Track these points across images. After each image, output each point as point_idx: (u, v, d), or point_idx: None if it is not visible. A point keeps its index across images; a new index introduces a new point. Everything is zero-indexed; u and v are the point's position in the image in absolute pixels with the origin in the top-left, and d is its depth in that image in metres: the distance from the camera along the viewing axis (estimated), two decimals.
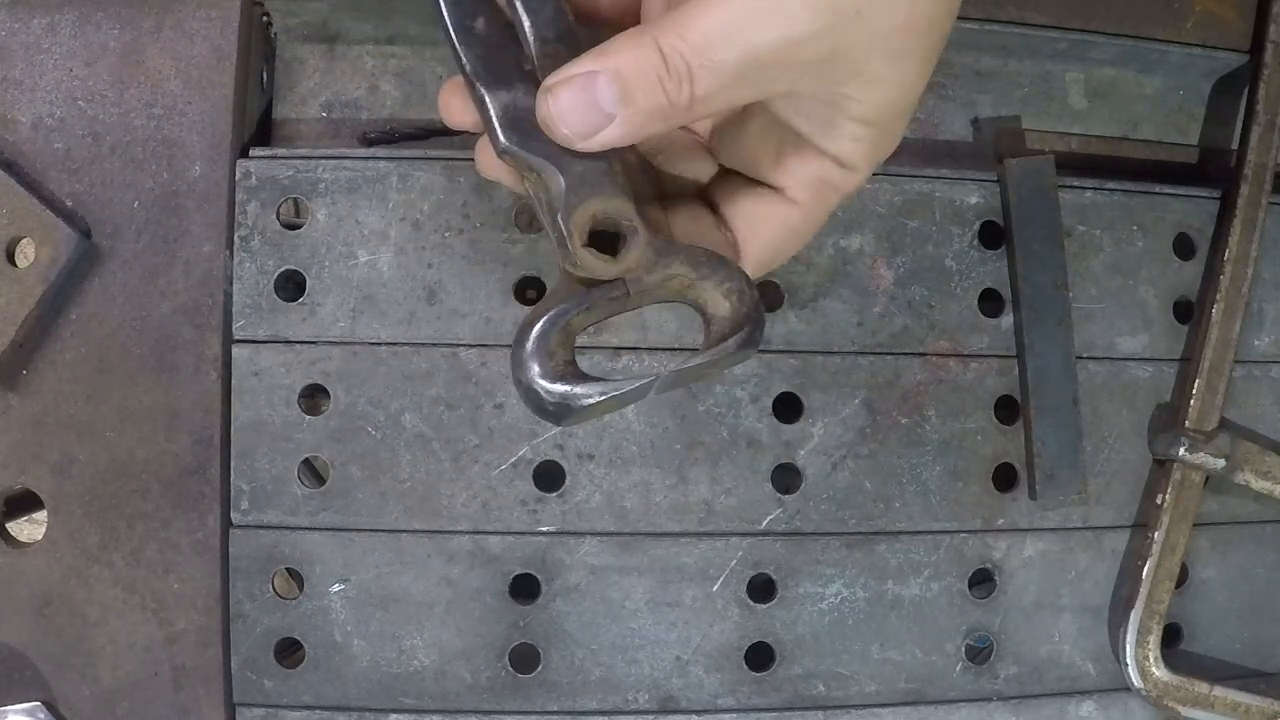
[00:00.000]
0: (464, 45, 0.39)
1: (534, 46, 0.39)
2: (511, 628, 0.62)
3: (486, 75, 0.39)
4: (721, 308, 0.40)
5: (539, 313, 0.39)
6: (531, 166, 0.39)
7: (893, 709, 0.64)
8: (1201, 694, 0.65)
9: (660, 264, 0.39)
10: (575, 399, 0.39)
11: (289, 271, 0.61)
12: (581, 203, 0.38)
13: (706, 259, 0.40)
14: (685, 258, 0.40)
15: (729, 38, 0.36)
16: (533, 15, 0.39)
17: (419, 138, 0.64)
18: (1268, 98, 0.67)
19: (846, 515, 0.64)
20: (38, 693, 0.59)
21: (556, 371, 0.39)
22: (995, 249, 0.65)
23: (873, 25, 0.36)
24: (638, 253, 0.39)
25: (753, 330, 0.40)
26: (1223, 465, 0.65)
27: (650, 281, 0.40)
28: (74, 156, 0.59)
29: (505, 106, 0.39)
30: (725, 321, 0.40)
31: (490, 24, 0.39)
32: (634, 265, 0.39)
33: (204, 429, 0.59)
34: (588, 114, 0.37)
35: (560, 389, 0.39)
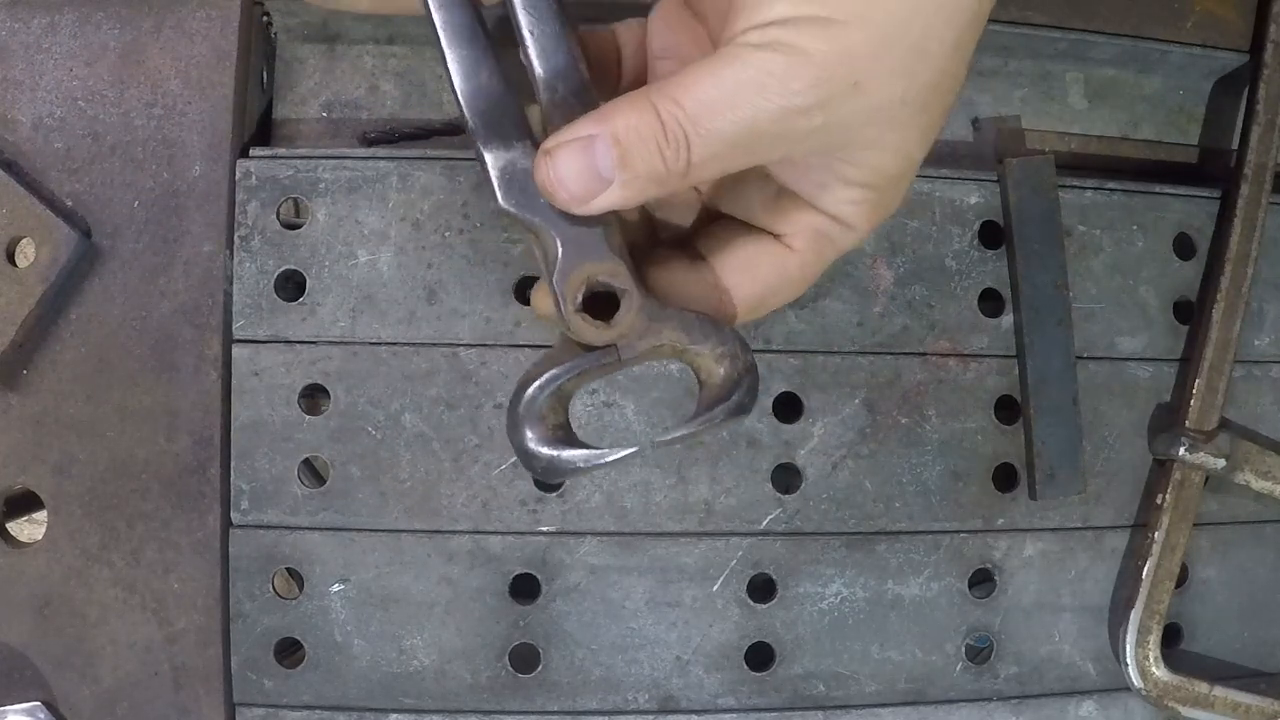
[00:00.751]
0: (467, 100, 0.39)
1: (544, 97, 0.40)
2: (511, 628, 0.62)
3: (487, 133, 0.39)
4: (715, 373, 0.41)
5: (533, 375, 0.40)
6: (530, 227, 0.39)
7: (893, 709, 0.64)
8: (1201, 694, 0.65)
9: (653, 329, 0.40)
10: (562, 463, 0.40)
11: (289, 271, 0.61)
12: (576, 267, 0.39)
13: (699, 324, 0.40)
14: (678, 323, 0.40)
15: (725, 107, 0.36)
16: (546, 65, 0.40)
17: (419, 138, 0.64)
18: (1268, 98, 0.67)
19: (846, 515, 0.64)
20: (38, 693, 0.59)
21: (547, 436, 0.40)
22: (995, 249, 0.65)
23: (870, 98, 0.36)
24: (630, 318, 0.39)
25: (745, 396, 0.40)
26: (1223, 465, 0.65)
27: (643, 346, 0.40)
28: (74, 156, 0.59)
29: (505, 166, 0.39)
30: (718, 387, 0.40)
31: (493, 79, 0.40)
32: (626, 331, 0.39)
33: (204, 429, 0.59)
34: (586, 179, 0.37)
35: (548, 453, 0.40)
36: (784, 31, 0.35)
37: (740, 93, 0.35)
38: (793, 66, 0.35)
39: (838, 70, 0.35)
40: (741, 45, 0.36)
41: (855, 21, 0.35)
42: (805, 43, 0.35)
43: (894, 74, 0.36)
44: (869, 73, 0.36)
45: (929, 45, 0.37)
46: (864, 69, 0.36)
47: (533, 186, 0.39)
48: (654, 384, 0.62)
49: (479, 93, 0.39)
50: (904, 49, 0.36)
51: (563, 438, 0.40)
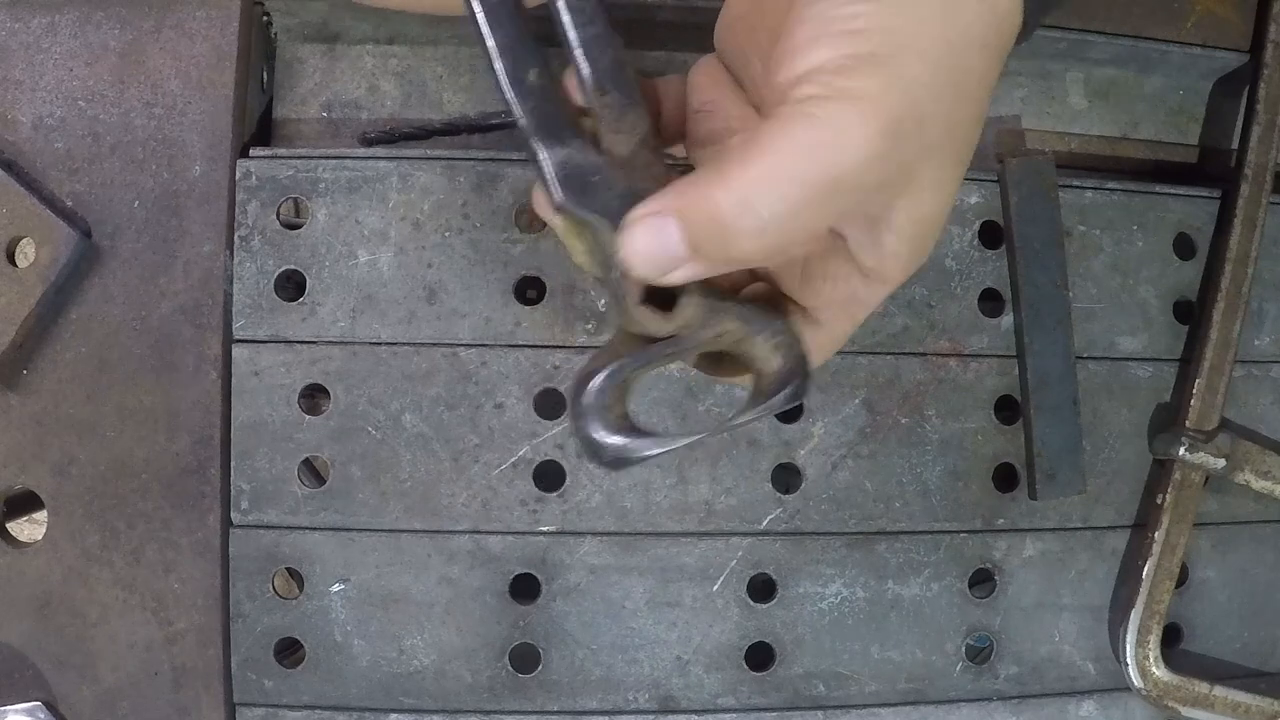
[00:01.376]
0: (518, 98, 0.39)
1: (593, 98, 0.39)
2: (511, 628, 0.62)
3: (541, 130, 0.39)
4: (771, 362, 0.41)
5: (595, 367, 0.40)
6: (588, 223, 0.39)
7: (893, 709, 0.64)
8: (1201, 694, 0.65)
9: (712, 320, 0.40)
10: (630, 452, 0.40)
11: (289, 271, 0.61)
12: None
13: (757, 314, 0.41)
14: (737, 313, 0.41)
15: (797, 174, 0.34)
16: (594, 66, 0.39)
17: (419, 138, 0.64)
18: (1268, 98, 0.67)
19: (846, 515, 0.64)
20: (38, 693, 0.59)
21: (613, 426, 0.40)
22: (995, 249, 0.65)
23: (929, 135, 0.35)
24: (691, 309, 0.40)
25: (801, 383, 0.41)
26: (1223, 465, 0.65)
27: (703, 336, 0.40)
28: (74, 156, 0.59)
29: (561, 162, 0.39)
30: (774, 376, 0.41)
31: (542, 75, 0.39)
32: (688, 322, 0.40)
33: (204, 429, 0.60)
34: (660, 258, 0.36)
35: (617, 442, 0.40)
36: (838, 78, 0.34)
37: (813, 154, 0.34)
38: (862, 115, 0.34)
39: (905, 109, 0.34)
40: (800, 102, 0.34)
41: (905, 54, 0.34)
42: (865, 86, 0.34)
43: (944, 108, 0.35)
44: (928, 106, 0.35)
45: (969, 77, 0.36)
46: (924, 103, 0.34)
47: (590, 181, 0.39)
48: (654, 384, 0.62)
49: (530, 90, 0.39)
50: (949, 78, 0.35)
51: (628, 427, 0.40)
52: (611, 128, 0.40)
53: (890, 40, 0.34)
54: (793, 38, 0.35)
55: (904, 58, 0.34)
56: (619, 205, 0.38)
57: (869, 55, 0.34)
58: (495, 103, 0.66)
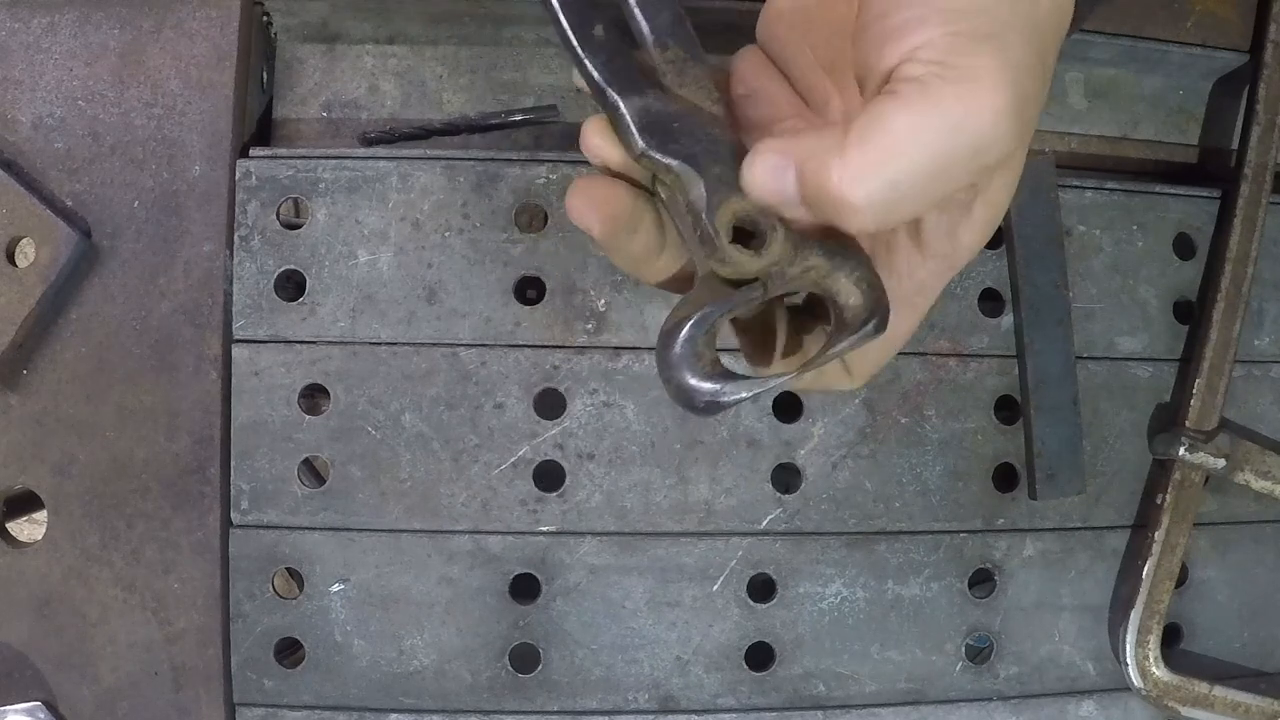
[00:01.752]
0: (588, 53, 0.39)
1: (655, 53, 0.40)
2: (511, 628, 0.62)
3: (616, 81, 0.39)
4: (854, 296, 0.41)
5: (684, 315, 0.40)
6: (670, 169, 0.39)
7: (893, 709, 0.64)
8: (1201, 694, 0.65)
9: (799, 257, 0.40)
10: (724, 395, 0.40)
11: (289, 271, 0.61)
12: (724, 201, 0.39)
13: (840, 249, 0.41)
14: (821, 249, 0.41)
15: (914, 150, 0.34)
16: (653, 21, 0.40)
17: (419, 138, 0.64)
18: (1268, 98, 0.67)
19: (846, 515, 0.64)
20: (38, 693, 0.59)
21: (705, 371, 0.40)
22: (995, 249, 0.65)
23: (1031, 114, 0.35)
24: (779, 247, 0.40)
25: (883, 317, 0.41)
26: (1223, 465, 0.65)
27: (790, 274, 0.40)
28: (74, 156, 0.59)
29: (640, 111, 0.39)
30: (858, 310, 0.41)
31: (609, 29, 0.40)
32: (777, 259, 0.40)
33: (204, 429, 0.59)
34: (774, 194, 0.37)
35: (710, 387, 0.40)
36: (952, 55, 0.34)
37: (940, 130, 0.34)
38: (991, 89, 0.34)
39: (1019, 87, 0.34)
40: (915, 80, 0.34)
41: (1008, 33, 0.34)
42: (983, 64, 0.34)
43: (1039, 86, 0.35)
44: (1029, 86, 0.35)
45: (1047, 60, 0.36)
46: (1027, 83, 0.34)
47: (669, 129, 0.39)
48: (654, 383, 0.62)
49: (599, 45, 0.39)
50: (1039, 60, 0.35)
51: (720, 372, 0.40)
52: (675, 82, 0.40)
53: (992, 19, 0.34)
54: (891, 19, 0.35)
55: (1008, 37, 0.34)
56: (700, 151, 0.39)
57: (976, 33, 0.34)
58: (495, 103, 0.66)
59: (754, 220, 0.40)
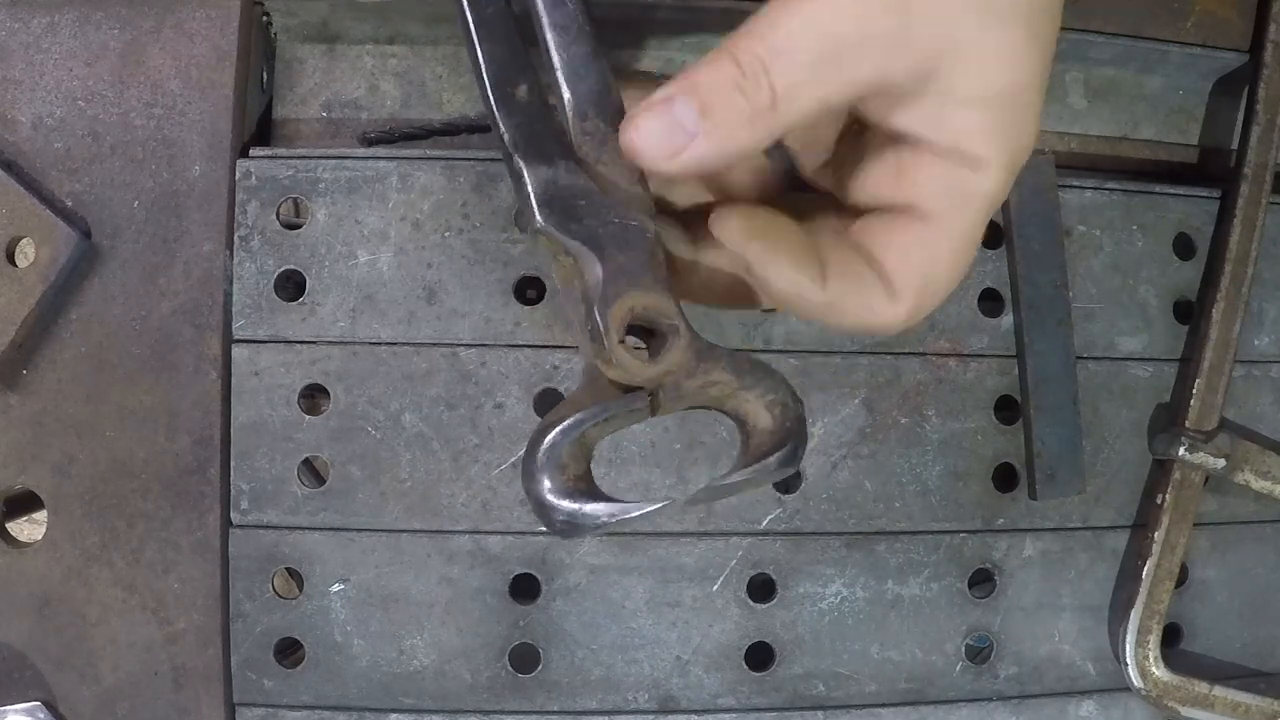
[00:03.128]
0: (503, 113, 0.37)
1: (573, 123, 0.37)
2: (511, 628, 0.62)
3: (526, 147, 0.37)
4: (762, 420, 0.37)
5: (553, 421, 0.37)
6: (568, 250, 0.36)
7: (893, 709, 0.64)
8: (1201, 694, 0.65)
9: (701, 368, 0.37)
10: (583, 519, 0.36)
11: (289, 271, 0.61)
12: (620, 295, 0.36)
13: (751, 367, 0.37)
14: (728, 363, 0.37)
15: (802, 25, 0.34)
16: (576, 88, 0.37)
17: (419, 138, 0.64)
18: (1268, 98, 0.67)
19: (846, 515, 0.64)
20: (38, 693, 0.59)
21: (567, 487, 0.36)
22: (995, 249, 0.65)
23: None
24: (678, 355, 0.36)
25: (795, 448, 0.37)
26: (1223, 465, 0.65)
27: (688, 387, 0.37)
28: (74, 156, 0.59)
29: (545, 183, 0.37)
30: (767, 435, 0.37)
31: (533, 91, 0.37)
32: (674, 368, 0.36)
33: (204, 429, 0.59)
34: (670, 134, 0.35)
35: (568, 507, 0.36)
36: None
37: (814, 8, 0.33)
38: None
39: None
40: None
41: None
42: None
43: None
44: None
45: None
46: None
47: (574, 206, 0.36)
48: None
49: (517, 107, 0.37)
50: None
51: (584, 490, 0.37)
52: (593, 156, 0.37)
53: None
54: None
55: None
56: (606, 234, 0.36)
57: None
58: None
59: (655, 320, 0.36)
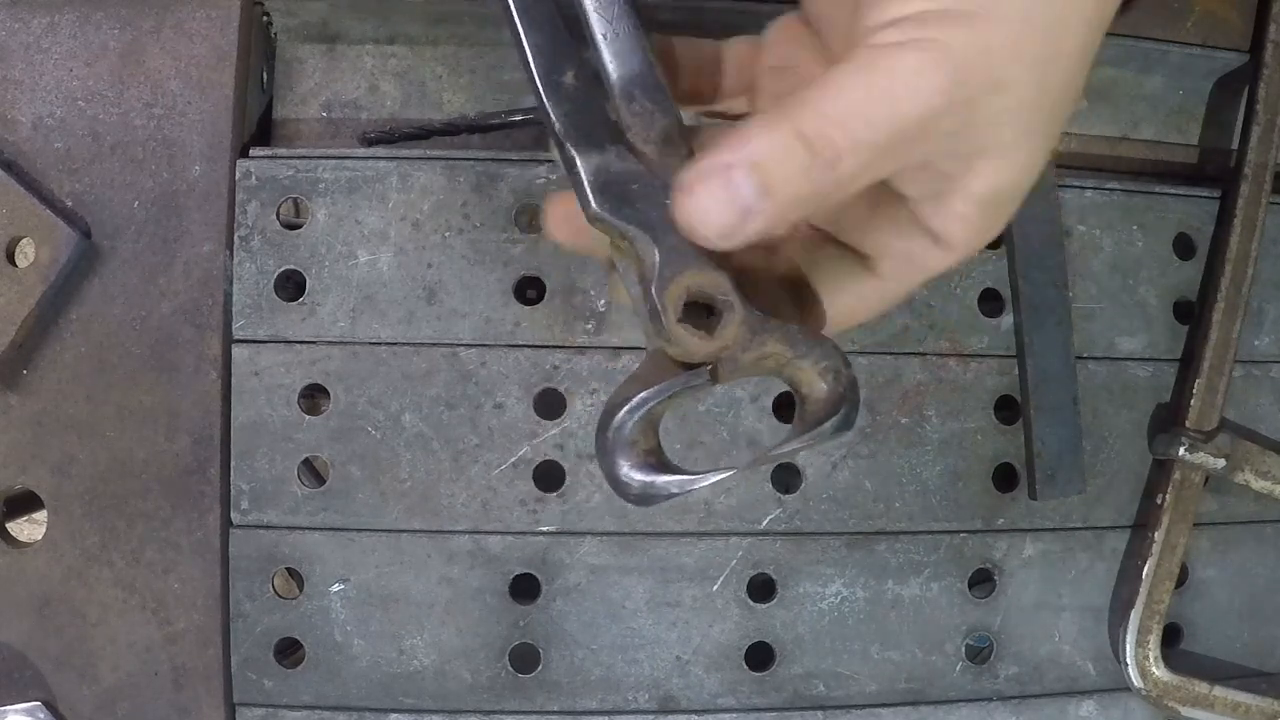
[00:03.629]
0: (552, 101, 0.37)
1: (620, 104, 0.38)
2: (511, 628, 0.62)
3: (577, 135, 0.37)
4: (817, 388, 0.38)
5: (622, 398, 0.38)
6: (624, 235, 0.37)
7: (893, 709, 0.64)
8: (1201, 694, 0.65)
9: (755, 341, 0.37)
10: (658, 490, 0.37)
11: (289, 271, 0.61)
12: (676, 275, 0.37)
13: (803, 336, 0.38)
14: (781, 335, 0.38)
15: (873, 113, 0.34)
16: (621, 69, 0.38)
17: (419, 138, 0.64)
18: (1268, 98, 0.67)
19: (846, 515, 0.64)
20: (38, 693, 0.59)
21: (639, 461, 0.37)
22: (995, 249, 0.65)
23: (1008, 98, 0.35)
24: (733, 330, 0.37)
25: (850, 412, 0.38)
26: (1223, 465, 0.65)
27: (745, 359, 0.37)
28: (74, 156, 0.59)
29: (597, 169, 0.37)
30: (821, 403, 0.38)
31: (579, 77, 0.37)
32: (730, 343, 0.37)
33: (204, 429, 0.60)
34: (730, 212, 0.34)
35: (643, 479, 0.37)
36: (921, 28, 0.33)
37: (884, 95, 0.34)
38: (935, 61, 0.33)
39: (978, 67, 0.34)
40: (878, 46, 0.34)
41: (992, 15, 0.34)
42: (945, 38, 0.33)
43: (1030, 73, 0.35)
44: (1008, 70, 0.34)
45: (1062, 44, 0.35)
46: (1003, 66, 0.34)
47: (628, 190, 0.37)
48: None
49: (565, 94, 0.37)
50: (1040, 46, 0.35)
51: (655, 463, 0.38)
52: (641, 137, 0.38)
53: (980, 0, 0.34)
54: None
55: (991, 19, 0.34)
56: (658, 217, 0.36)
57: (955, 12, 0.33)
58: (495, 103, 0.66)
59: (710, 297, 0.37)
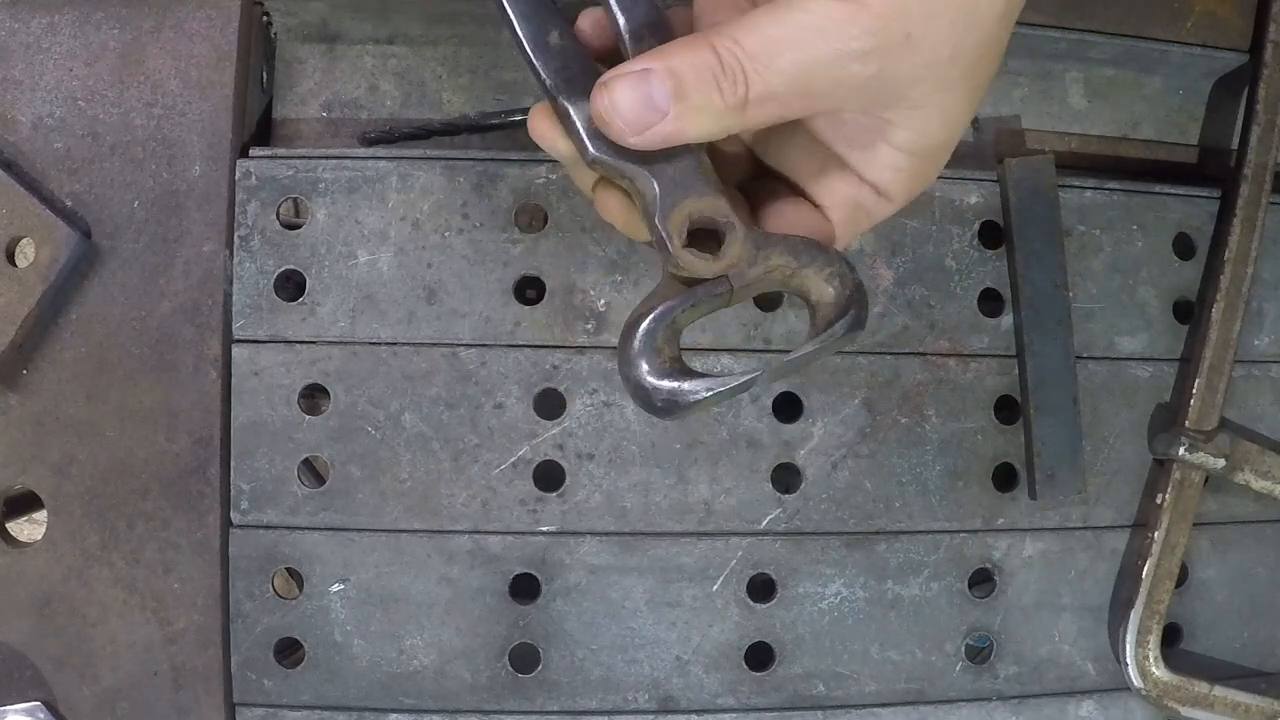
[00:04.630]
0: (541, 60, 0.40)
1: (631, 47, 0.40)
2: (511, 628, 0.62)
3: (567, 88, 0.40)
4: (825, 293, 0.41)
5: (644, 310, 0.40)
6: (623, 173, 0.39)
7: (893, 709, 0.64)
8: (1201, 694, 0.65)
9: (760, 256, 0.40)
10: (683, 395, 0.39)
11: (289, 271, 0.61)
12: (676, 204, 0.39)
13: (805, 246, 0.41)
14: (784, 247, 0.40)
15: (784, 46, 0.36)
16: (630, 16, 0.40)
17: (419, 138, 0.64)
18: (1268, 98, 0.67)
19: (846, 515, 0.64)
20: (38, 693, 0.59)
21: (664, 368, 0.39)
22: (995, 249, 0.65)
23: (922, 53, 0.37)
24: (737, 248, 0.40)
25: (859, 312, 0.41)
26: (1223, 465, 0.65)
27: (752, 274, 0.40)
28: (74, 156, 0.59)
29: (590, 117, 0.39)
30: (830, 306, 0.41)
31: (564, 36, 0.40)
32: (735, 260, 0.40)
33: (204, 429, 0.59)
34: (641, 109, 0.37)
35: (668, 385, 0.39)
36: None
37: (799, 35, 0.36)
38: (850, 13, 0.36)
39: (892, 21, 0.36)
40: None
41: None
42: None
43: (945, 31, 0.37)
44: (921, 27, 0.37)
45: (980, 7, 0.38)
46: (917, 23, 0.37)
47: None
48: None
49: (552, 51, 0.40)
50: (957, 9, 0.37)
51: (680, 369, 0.40)
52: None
53: None
54: None
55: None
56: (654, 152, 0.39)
57: None
58: (495, 103, 0.66)
59: (712, 221, 0.40)
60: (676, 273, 0.40)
